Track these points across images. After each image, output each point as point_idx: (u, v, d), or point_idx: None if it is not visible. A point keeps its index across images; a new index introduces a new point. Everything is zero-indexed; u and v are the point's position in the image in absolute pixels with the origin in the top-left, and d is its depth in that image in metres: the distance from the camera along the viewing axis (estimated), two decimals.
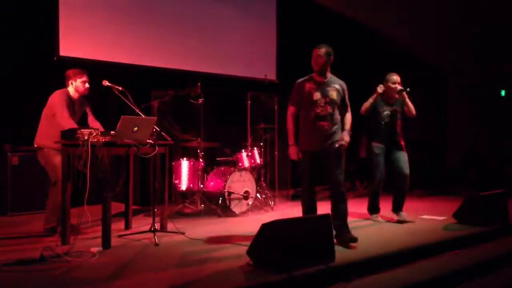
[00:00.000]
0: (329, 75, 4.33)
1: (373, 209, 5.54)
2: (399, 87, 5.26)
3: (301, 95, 4.31)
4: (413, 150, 5.63)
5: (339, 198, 4.28)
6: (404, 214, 5.35)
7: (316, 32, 8.41)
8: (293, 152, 4.35)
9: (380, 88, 5.23)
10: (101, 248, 3.90)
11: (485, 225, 5.06)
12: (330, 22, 8.71)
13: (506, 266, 4.35)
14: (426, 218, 5.61)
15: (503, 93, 9.32)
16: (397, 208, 5.40)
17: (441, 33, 8.67)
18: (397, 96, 5.32)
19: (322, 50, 4.24)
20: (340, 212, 4.23)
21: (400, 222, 5.26)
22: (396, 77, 5.30)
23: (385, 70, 5.48)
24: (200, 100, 5.77)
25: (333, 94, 4.26)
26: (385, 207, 5.56)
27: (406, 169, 5.27)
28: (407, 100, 5.25)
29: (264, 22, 8.22)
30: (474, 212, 5.18)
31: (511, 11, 7.78)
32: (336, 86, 4.30)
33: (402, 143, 5.38)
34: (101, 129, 4.32)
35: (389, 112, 5.31)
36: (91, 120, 4.70)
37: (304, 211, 4.38)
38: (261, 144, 6.55)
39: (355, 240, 4.13)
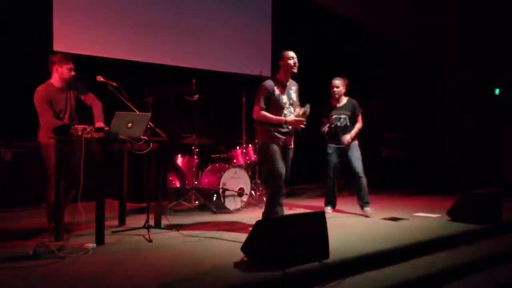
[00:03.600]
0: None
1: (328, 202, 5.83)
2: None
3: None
4: (407, 149, 5.64)
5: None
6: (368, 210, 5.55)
7: (311, 29, 8.41)
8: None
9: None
10: (95, 244, 3.88)
11: (479, 223, 5.07)
12: (325, 19, 8.71)
13: (499, 264, 4.38)
14: (420, 215, 5.62)
15: (497, 91, 9.35)
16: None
17: (434, 33, 8.69)
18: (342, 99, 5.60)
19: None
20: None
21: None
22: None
23: (379, 69, 5.49)
24: (195, 97, 5.75)
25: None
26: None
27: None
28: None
29: (259, 18, 8.21)
30: (468, 210, 5.20)
31: (504, 10, 7.81)
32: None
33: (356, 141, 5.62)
34: (101, 115, 4.33)
35: (337, 116, 5.61)
36: (93, 103, 4.48)
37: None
38: (256, 141, 6.52)
39: None
